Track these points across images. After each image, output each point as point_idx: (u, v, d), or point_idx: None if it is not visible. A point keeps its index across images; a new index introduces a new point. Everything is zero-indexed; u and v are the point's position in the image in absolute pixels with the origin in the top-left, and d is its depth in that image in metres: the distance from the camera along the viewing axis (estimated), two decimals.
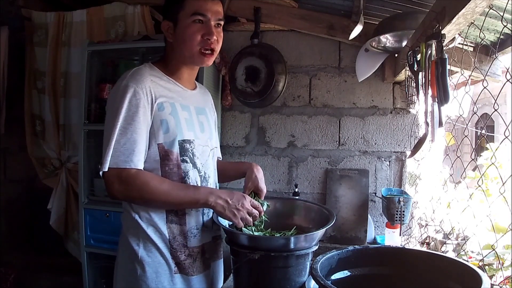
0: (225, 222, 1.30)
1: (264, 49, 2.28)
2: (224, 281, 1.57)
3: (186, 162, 1.25)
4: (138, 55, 2.33)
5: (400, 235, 1.87)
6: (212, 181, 1.37)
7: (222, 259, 1.44)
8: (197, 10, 1.22)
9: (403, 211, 1.82)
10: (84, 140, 2.28)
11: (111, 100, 1.19)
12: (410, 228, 2.17)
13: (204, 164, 1.32)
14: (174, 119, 1.23)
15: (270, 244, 1.20)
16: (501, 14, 1.11)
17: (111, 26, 2.47)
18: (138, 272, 1.21)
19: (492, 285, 1.35)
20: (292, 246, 1.18)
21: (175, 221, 1.24)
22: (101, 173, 1.14)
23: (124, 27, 2.45)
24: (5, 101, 2.56)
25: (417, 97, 1.41)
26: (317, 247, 1.25)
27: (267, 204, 1.35)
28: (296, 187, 2.24)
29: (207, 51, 1.24)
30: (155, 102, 1.19)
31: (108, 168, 1.12)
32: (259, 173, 1.37)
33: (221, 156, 1.55)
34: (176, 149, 1.22)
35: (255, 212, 1.22)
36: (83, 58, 2.29)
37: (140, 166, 1.16)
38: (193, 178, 1.27)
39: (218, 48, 1.27)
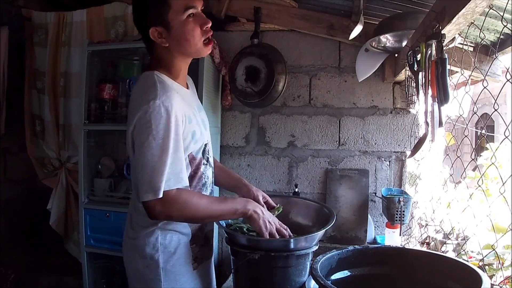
0: (224, 223, 1.31)
1: (264, 49, 2.28)
2: (224, 281, 1.58)
3: (205, 165, 1.28)
4: (138, 55, 2.33)
5: (400, 235, 1.87)
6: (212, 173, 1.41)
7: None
8: (187, 4, 1.17)
9: (403, 211, 1.82)
10: (84, 140, 2.28)
11: (150, 121, 1.09)
12: (410, 228, 2.17)
13: (212, 160, 1.36)
14: (199, 128, 1.24)
15: (270, 244, 1.20)
16: (501, 14, 1.11)
17: (111, 26, 2.47)
18: (159, 276, 1.21)
19: (492, 285, 1.35)
20: (292, 246, 1.19)
21: None
22: (141, 199, 1.09)
23: (124, 27, 2.45)
24: (5, 101, 2.55)
25: (417, 97, 1.41)
26: (317, 247, 1.25)
27: (282, 208, 1.40)
28: (296, 187, 2.24)
29: (208, 41, 1.22)
30: (185, 116, 1.17)
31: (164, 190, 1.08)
32: (254, 188, 1.42)
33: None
34: (200, 155, 1.25)
35: (284, 232, 1.23)
36: (83, 58, 2.29)
37: (187, 182, 1.16)
38: (209, 176, 1.32)
39: None
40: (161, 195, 1.07)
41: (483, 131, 1.69)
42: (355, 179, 2.25)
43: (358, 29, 1.76)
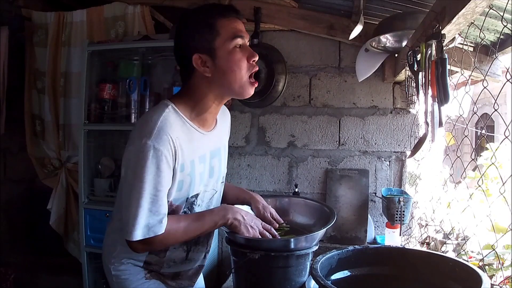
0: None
1: (264, 49, 2.28)
2: (224, 281, 1.58)
3: (186, 212, 1.22)
4: (138, 55, 2.33)
5: (400, 235, 1.87)
6: None
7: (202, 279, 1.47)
8: (236, 32, 1.10)
9: (403, 211, 1.82)
10: (84, 140, 2.28)
11: (136, 160, 1.05)
12: (410, 228, 2.17)
13: (202, 207, 1.28)
14: (190, 179, 1.16)
15: (270, 244, 1.20)
16: (501, 14, 1.11)
17: (111, 26, 2.47)
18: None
19: (492, 285, 1.35)
20: (292, 246, 1.19)
21: (155, 253, 1.24)
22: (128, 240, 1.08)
23: (124, 27, 2.45)
24: (5, 101, 2.55)
25: (417, 97, 1.41)
26: (317, 247, 1.25)
27: (289, 227, 1.37)
28: (296, 187, 2.24)
29: (253, 79, 1.14)
30: (177, 164, 1.10)
31: (144, 237, 1.07)
32: (264, 201, 1.38)
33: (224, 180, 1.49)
34: (183, 205, 1.20)
35: (266, 234, 1.22)
36: (83, 58, 2.29)
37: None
38: None
39: None
40: (134, 239, 1.06)
41: (483, 131, 1.69)
42: (355, 179, 2.25)
43: (358, 29, 1.76)
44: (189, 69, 1.13)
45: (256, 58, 1.13)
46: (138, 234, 1.06)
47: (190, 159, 1.14)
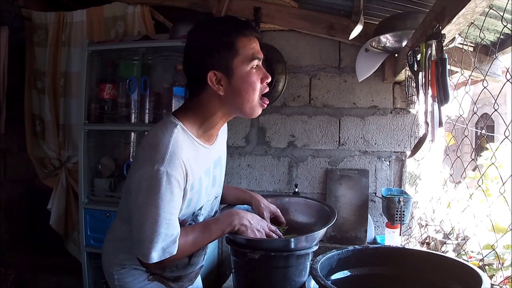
0: None
1: (264, 49, 2.27)
2: (224, 281, 1.58)
3: (190, 224, 1.22)
4: (138, 55, 2.33)
5: (400, 235, 1.87)
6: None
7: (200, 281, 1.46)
8: (256, 54, 1.09)
9: (403, 211, 1.82)
10: (84, 140, 2.28)
11: (148, 186, 1.04)
12: (410, 228, 2.17)
13: (206, 215, 1.28)
14: (198, 196, 1.16)
15: (270, 244, 1.20)
16: (501, 14, 1.11)
17: (111, 26, 2.47)
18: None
19: (492, 285, 1.35)
20: (292, 246, 1.19)
21: None
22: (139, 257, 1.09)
23: (124, 27, 2.45)
24: (5, 101, 2.55)
25: (417, 97, 1.41)
26: (317, 247, 1.25)
27: (287, 227, 1.38)
28: (296, 187, 2.24)
29: (264, 101, 1.15)
30: (188, 184, 1.09)
31: (160, 259, 1.07)
32: (265, 201, 1.37)
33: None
34: (188, 218, 1.20)
35: (274, 236, 1.22)
36: (83, 58, 2.29)
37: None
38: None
39: None
40: (151, 262, 1.06)
41: (483, 131, 1.69)
42: (355, 179, 2.25)
43: (358, 29, 1.76)
44: (201, 84, 1.10)
45: (269, 80, 1.13)
46: (155, 257, 1.06)
47: (198, 176, 1.14)
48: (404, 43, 1.90)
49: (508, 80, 1.06)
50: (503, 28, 1.15)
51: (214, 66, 1.07)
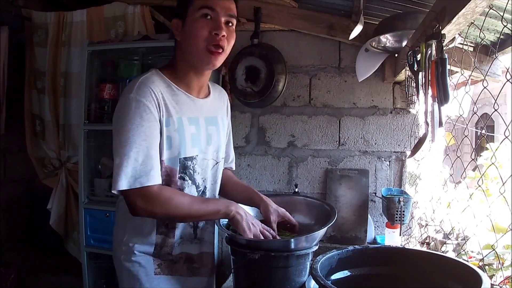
0: (225, 222, 1.30)
1: (264, 49, 2.28)
2: (224, 281, 1.57)
3: (184, 179, 1.23)
4: (138, 55, 2.33)
5: (400, 235, 1.87)
6: (210, 194, 1.34)
7: (214, 277, 1.43)
8: (205, 3, 1.16)
9: (403, 211, 1.82)
10: (84, 140, 2.28)
11: (120, 114, 1.14)
12: (410, 228, 2.17)
13: (205, 178, 1.30)
14: (178, 136, 1.18)
15: (270, 244, 1.20)
16: (501, 14, 1.11)
17: (111, 26, 2.47)
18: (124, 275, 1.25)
19: (492, 285, 1.35)
20: (292, 246, 1.19)
21: (164, 232, 1.25)
22: (115, 191, 1.10)
23: (124, 27, 2.45)
24: (5, 101, 2.55)
25: (417, 97, 1.41)
26: (317, 247, 1.25)
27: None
28: (296, 187, 2.24)
29: (214, 48, 1.15)
30: (162, 117, 1.15)
31: (130, 187, 1.08)
32: (274, 204, 1.36)
33: (233, 167, 1.52)
34: (176, 167, 1.20)
35: (267, 234, 1.23)
36: (83, 58, 2.29)
37: (160, 180, 1.14)
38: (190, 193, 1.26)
39: (227, 47, 1.19)
40: (123, 187, 1.08)
41: (483, 131, 1.69)
42: (355, 179, 2.25)
43: (358, 29, 1.76)
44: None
45: (220, 33, 1.15)
46: (124, 183, 1.08)
47: (177, 116, 1.18)
48: (404, 43, 1.90)
49: (508, 80, 1.06)
50: (503, 28, 1.15)
51: (177, 14, 1.20)
